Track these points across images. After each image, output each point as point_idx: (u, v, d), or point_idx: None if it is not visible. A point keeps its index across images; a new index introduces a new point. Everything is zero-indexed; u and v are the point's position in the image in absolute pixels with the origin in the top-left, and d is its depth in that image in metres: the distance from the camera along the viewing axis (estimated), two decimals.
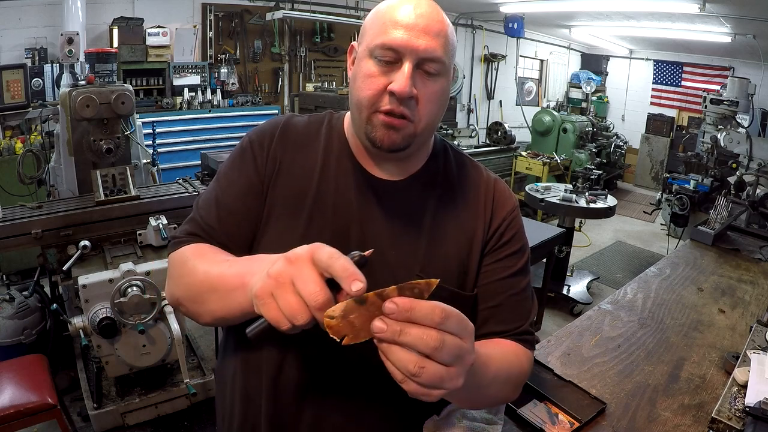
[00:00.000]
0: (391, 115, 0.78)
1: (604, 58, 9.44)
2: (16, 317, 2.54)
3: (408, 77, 0.76)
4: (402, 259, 0.84)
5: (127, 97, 2.38)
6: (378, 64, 0.78)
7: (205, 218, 0.87)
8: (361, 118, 0.81)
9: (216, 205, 0.88)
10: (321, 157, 0.89)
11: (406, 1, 0.79)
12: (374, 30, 0.79)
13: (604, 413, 1.03)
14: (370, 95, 0.78)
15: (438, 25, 0.79)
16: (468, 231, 0.89)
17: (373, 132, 0.80)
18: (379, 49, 0.77)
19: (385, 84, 0.77)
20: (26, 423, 1.83)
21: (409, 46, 0.76)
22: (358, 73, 0.81)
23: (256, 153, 0.89)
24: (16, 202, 2.49)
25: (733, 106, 4.89)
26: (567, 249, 3.98)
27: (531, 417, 0.99)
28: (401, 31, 0.76)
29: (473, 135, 7.18)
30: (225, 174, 0.91)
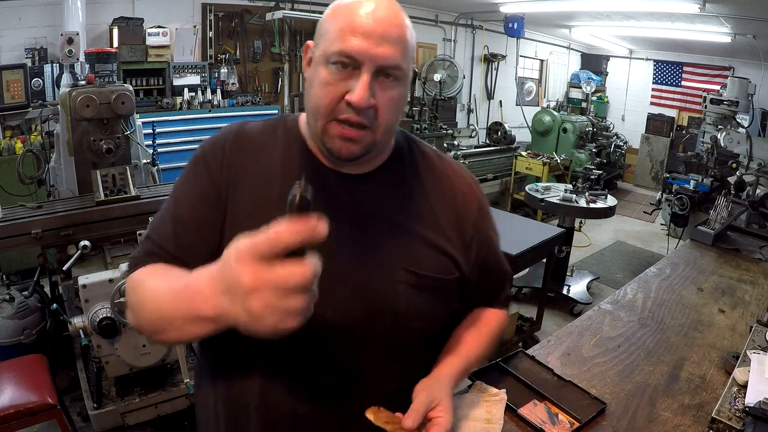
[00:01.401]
0: (349, 124, 0.76)
1: (604, 58, 9.44)
2: (16, 317, 2.54)
3: (366, 87, 0.74)
4: (383, 253, 0.83)
5: (127, 97, 2.38)
6: (335, 70, 0.75)
7: (161, 236, 0.83)
8: (317, 126, 0.79)
9: (171, 220, 0.84)
10: (280, 161, 0.86)
11: (365, 4, 0.75)
12: (331, 34, 0.76)
13: (604, 413, 1.03)
14: (326, 103, 0.76)
15: (397, 30, 0.76)
16: (442, 219, 0.89)
17: (330, 143, 0.79)
18: (336, 55, 0.74)
19: (343, 92, 0.75)
20: (26, 423, 1.83)
21: (367, 54, 0.73)
22: (315, 79, 0.78)
23: (210, 163, 0.85)
24: (16, 202, 2.49)
25: (733, 106, 4.90)
26: (567, 249, 3.98)
27: (531, 417, 0.99)
28: (359, 38, 0.73)
29: (473, 135, 7.19)
30: (179, 188, 0.87)
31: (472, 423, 0.95)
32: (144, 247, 0.85)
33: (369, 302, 0.81)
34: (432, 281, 0.85)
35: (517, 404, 1.02)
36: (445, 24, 7.32)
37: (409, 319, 0.84)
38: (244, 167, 0.85)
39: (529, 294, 4.09)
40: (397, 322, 0.83)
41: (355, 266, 0.81)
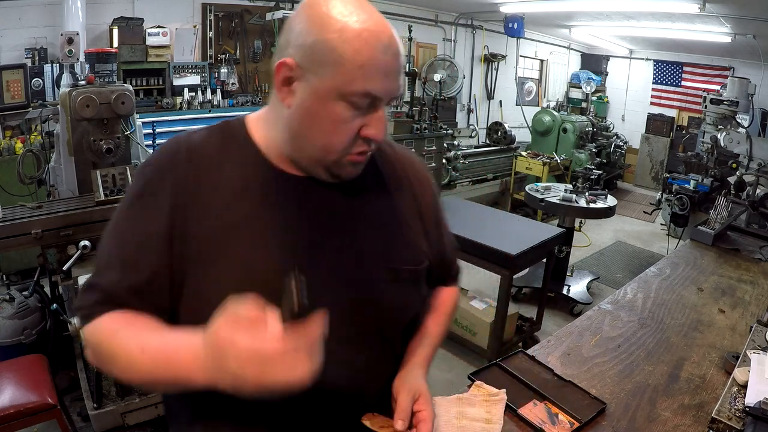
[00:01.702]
0: (363, 154, 0.77)
1: (604, 58, 9.44)
2: (16, 317, 2.54)
3: (385, 122, 0.75)
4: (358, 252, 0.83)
5: (127, 97, 2.38)
6: (351, 108, 0.72)
7: (111, 282, 0.75)
8: (326, 160, 0.77)
9: (120, 264, 0.76)
10: (238, 176, 0.79)
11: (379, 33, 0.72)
12: (350, 69, 0.70)
13: (604, 413, 1.03)
14: (344, 140, 0.74)
15: (402, 57, 0.76)
16: (406, 210, 0.92)
17: (339, 170, 0.78)
18: (359, 95, 0.71)
19: (358, 127, 0.74)
20: (26, 423, 1.83)
21: (389, 92, 0.73)
22: (324, 115, 0.72)
23: (157, 191, 0.77)
24: (16, 202, 2.49)
25: (733, 106, 4.90)
26: (567, 249, 3.98)
27: (531, 417, 0.99)
28: (384, 78, 0.72)
29: (473, 135, 7.19)
30: (122, 224, 0.78)
31: (472, 423, 0.95)
32: (93, 296, 0.76)
33: (356, 303, 0.82)
34: (409, 274, 0.88)
35: (517, 404, 1.02)
36: (445, 24, 7.32)
37: (394, 313, 0.87)
38: (197, 189, 0.77)
39: (529, 294, 4.09)
40: (383, 317, 0.86)
41: (337, 269, 0.81)
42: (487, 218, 3.49)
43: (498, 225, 3.32)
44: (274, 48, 5.58)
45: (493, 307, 3.06)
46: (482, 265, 2.99)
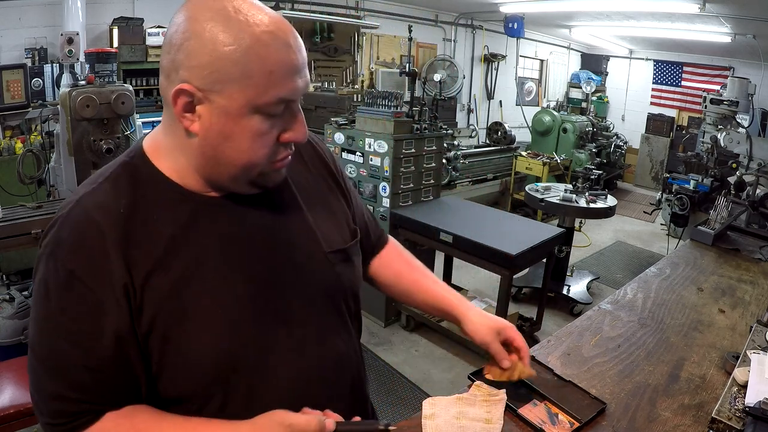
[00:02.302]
0: (285, 159, 0.75)
1: (604, 58, 9.45)
2: (16, 317, 2.54)
3: (304, 121, 0.72)
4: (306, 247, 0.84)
5: (127, 97, 2.39)
6: (267, 118, 0.68)
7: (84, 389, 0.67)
8: (249, 176, 0.72)
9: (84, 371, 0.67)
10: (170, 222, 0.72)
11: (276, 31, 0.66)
12: (257, 79, 0.64)
13: (605, 413, 1.03)
14: (265, 153, 0.70)
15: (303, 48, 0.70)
16: (326, 186, 0.94)
17: (265, 181, 0.75)
18: (274, 105, 0.67)
19: (277, 134, 0.70)
20: (26, 423, 1.83)
21: (301, 90, 0.69)
22: (239, 133, 0.67)
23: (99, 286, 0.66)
24: (16, 202, 2.49)
25: (733, 106, 4.90)
26: (567, 249, 3.98)
27: (531, 417, 0.99)
28: (297, 78, 0.68)
29: (473, 135, 7.18)
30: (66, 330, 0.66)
31: (472, 423, 0.95)
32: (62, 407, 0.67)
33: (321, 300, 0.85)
34: (353, 248, 0.93)
35: (517, 404, 1.02)
36: (445, 24, 7.32)
37: (354, 288, 0.93)
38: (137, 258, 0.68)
39: (529, 294, 4.10)
40: (345, 296, 0.90)
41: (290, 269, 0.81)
42: (487, 218, 3.49)
43: (498, 225, 3.32)
44: None
45: (493, 307, 3.06)
46: (482, 265, 2.99)
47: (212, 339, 0.72)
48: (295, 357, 0.80)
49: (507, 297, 2.94)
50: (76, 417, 0.68)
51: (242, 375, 0.75)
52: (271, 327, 0.78)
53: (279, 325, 0.79)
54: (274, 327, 0.78)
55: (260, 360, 0.77)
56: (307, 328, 0.82)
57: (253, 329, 0.76)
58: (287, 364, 0.79)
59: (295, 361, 0.80)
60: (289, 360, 0.80)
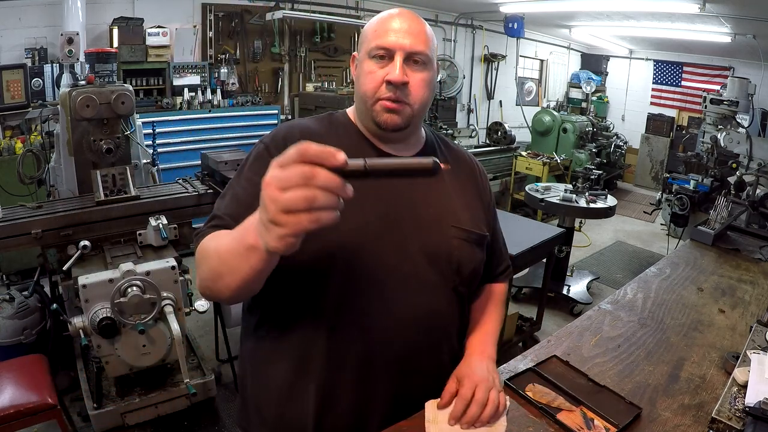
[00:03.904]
0: (390, 101, 0.95)
1: (604, 58, 9.44)
2: (16, 317, 2.54)
3: (400, 67, 0.94)
4: (436, 213, 1.02)
5: (127, 97, 2.39)
6: (376, 62, 0.95)
7: (224, 213, 0.94)
8: (367, 107, 0.98)
9: (236, 201, 0.95)
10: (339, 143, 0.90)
11: (395, 14, 0.98)
12: (369, 37, 0.97)
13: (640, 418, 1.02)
14: (372, 87, 0.96)
15: (419, 26, 0.98)
16: (472, 188, 1.13)
17: (378, 117, 0.97)
18: (375, 50, 0.95)
19: (383, 77, 0.95)
20: (26, 423, 1.83)
21: (398, 44, 0.94)
22: (362, 73, 0.98)
23: (273, 153, 0.86)
24: (16, 202, 2.49)
25: (733, 106, 4.89)
26: (567, 249, 3.98)
27: (568, 422, 0.98)
28: (391, 34, 0.95)
29: (473, 135, 7.18)
30: (244, 175, 0.98)
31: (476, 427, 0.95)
32: (208, 222, 0.96)
33: (429, 253, 0.99)
34: (476, 236, 1.06)
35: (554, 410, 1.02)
36: (445, 24, 7.32)
37: (461, 266, 1.03)
38: None
39: (529, 294, 4.10)
40: (451, 268, 1.02)
41: (414, 222, 0.99)
42: None
43: None
44: (274, 48, 5.58)
45: None
46: None
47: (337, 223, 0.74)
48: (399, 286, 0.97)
49: (507, 297, 2.94)
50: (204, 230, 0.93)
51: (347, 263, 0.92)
52: (383, 250, 0.96)
53: (390, 253, 0.96)
54: (385, 251, 0.96)
55: (367, 257, 0.94)
56: (417, 269, 0.98)
57: (371, 230, 0.95)
58: (390, 287, 0.96)
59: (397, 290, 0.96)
60: (393, 285, 0.96)
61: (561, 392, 1.07)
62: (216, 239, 0.86)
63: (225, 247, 0.79)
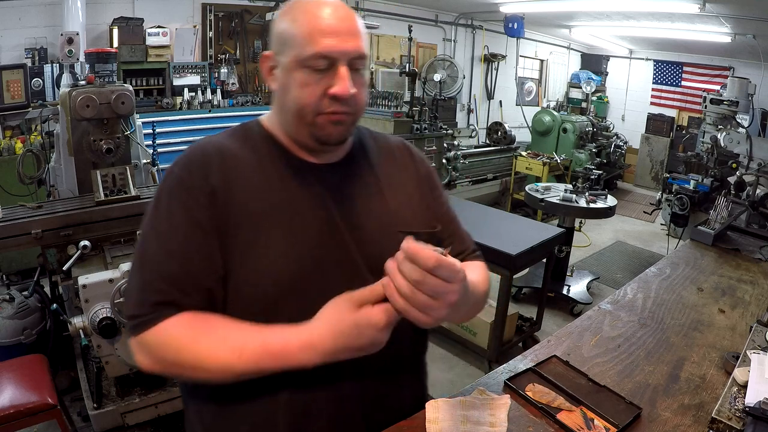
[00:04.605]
0: (336, 114, 0.84)
1: (604, 58, 9.44)
2: (16, 317, 2.54)
3: (347, 79, 0.82)
4: (380, 223, 0.93)
5: (127, 97, 2.38)
6: (312, 72, 0.82)
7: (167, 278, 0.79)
8: (305, 122, 0.85)
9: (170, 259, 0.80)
10: (264, 165, 0.88)
11: (323, 7, 0.83)
12: (300, 39, 0.81)
13: (641, 418, 1.02)
14: (312, 102, 0.83)
15: (356, 23, 0.85)
16: (410, 183, 1.02)
17: (320, 131, 0.86)
18: (311, 59, 0.81)
19: (324, 89, 0.82)
20: (26, 423, 1.83)
21: (341, 50, 0.82)
22: (292, 83, 0.83)
23: (193, 187, 0.83)
24: (16, 202, 2.49)
25: (733, 106, 4.90)
26: (567, 249, 3.98)
27: (568, 422, 0.98)
28: (330, 38, 0.81)
29: (473, 135, 7.18)
30: (162, 221, 0.83)
31: (476, 427, 0.95)
32: (146, 299, 0.79)
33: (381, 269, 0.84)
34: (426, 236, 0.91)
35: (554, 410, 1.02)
36: (445, 24, 7.32)
37: None
38: (231, 181, 0.84)
39: (529, 294, 4.10)
40: None
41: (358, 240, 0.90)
42: (487, 218, 3.49)
43: (498, 225, 3.32)
44: None
45: (493, 307, 3.06)
46: None
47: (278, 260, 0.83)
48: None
49: (507, 297, 2.94)
50: (158, 308, 0.78)
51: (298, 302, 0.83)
52: (334, 270, 0.87)
53: (341, 272, 0.87)
54: (336, 271, 0.87)
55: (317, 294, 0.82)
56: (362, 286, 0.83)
57: (317, 265, 0.86)
58: None
59: None
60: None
61: (561, 392, 1.07)
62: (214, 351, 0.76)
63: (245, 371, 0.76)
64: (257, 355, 0.76)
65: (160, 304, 0.78)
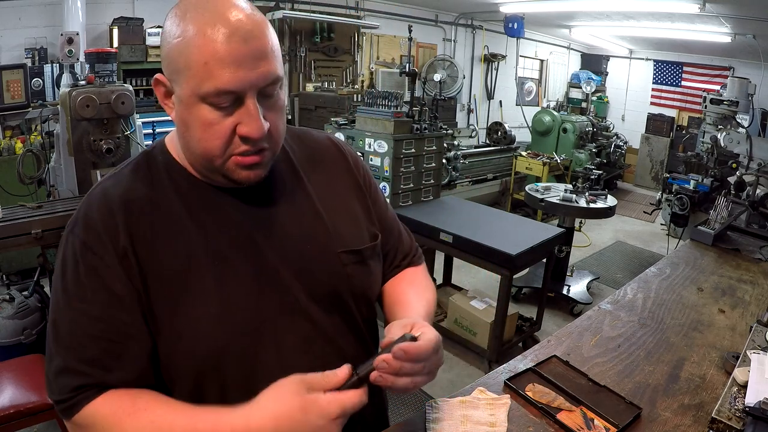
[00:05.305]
0: (248, 154, 0.72)
1: (604, 58, 9.45)
2: (16, 317, 2.54)
3: (258, 116, 0.68)
4: (317, 245, 0.83)
5: (127, 97, 2.39)
6: (215, 108, 0.68)
7: (82, 360, 0.69)
8: (213, 167, 0.73)
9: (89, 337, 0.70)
10: (173, 210, 0.76)
11: (220, 21, 0.65)
12: (195, 70, 0.66)
13: (641, 418, 1.02)
14: (219, 144, 0.70)
15: (266, 40, 0.68)
16: (346, 187, 0.92)
17: (233, 174, 0.73)
18: (212, 96, 0.66)
19: (231, 126, 0.69)
20: (26, 423, 1.82)
21: (247, 82, 0.66)
22: (193, 121, 0.69)
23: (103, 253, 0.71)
24: (16, 202, 2.49)
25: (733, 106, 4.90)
26: (567, 249, 3.98)
27: (568, 422, 0.98)
28: (231, 69, 0.65)
29: (473, 135, 7.18)
30: (75, 297, 0.71)
31: (477, 427, 0.94)
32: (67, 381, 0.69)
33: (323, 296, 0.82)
34: (369, 251, 0.89)
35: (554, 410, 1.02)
36: (445, 24, 7.32)
37: (364, 292, 0.89)
38: (141, 236, 0.73)
39: (529, 294, 4.10)
40: (355, 299, 0.87)
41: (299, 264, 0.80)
42: (487, 218, 3.49)
43: (498, 225, 3.32)
44: None
45: (493, 307, 3.06)
46: (482, 265, 2.99)
47: (211, 319, 0.73)
48: (299, 353, 0.79)
49: (507, 297, 2.94)
50: (80, 391, 0.69)
51: (239, 363, 0.75)
52: (274, 318, 0.77)
53: (283, 317, 0.78)
54: (277, 318, 0.77)
55: (260, 350, 0.76)
56: (314, 325, 0.80)
57: (255, 316, 0.76)
58: (291, 359, 0.77)
59: (300, 357, 0.78)
60: (293, 355, 0.78)
61: (561, 392, 1.07)
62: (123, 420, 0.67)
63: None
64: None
65: (83, 387, 0.69)
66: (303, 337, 0.80)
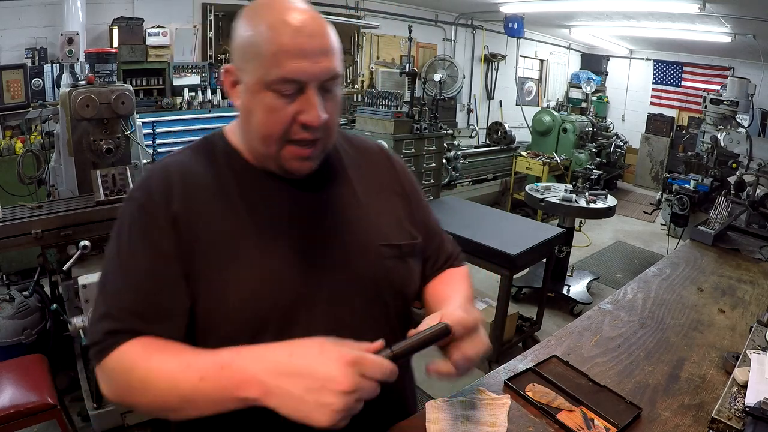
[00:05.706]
0: (304, 143, 0.77)
1: (604, 58, 9.45)
2: (16, 317, 2.54)
3: (317, 106, 0.74)
4: (359, 234, 0.87)
5: (127, 97, 2.39)
6: (279, 96, 0.74)
7: (122, 310, 0.74)
8: (270, 152, 0.79)
9: (132, 291, 0.75)
10: (228, 189, 0.82)
11: (290, 19, 0.73)
12: (264, 59, 0.73)
13: (641, 418, 1.02)
14: (279, 129, 0.76)
15: (329, 39, 0.76)
16: (389, 190, 0.96)
17: (287, 165, 0.80)
18: (277, 83, 0.73)
19: (292, 114, 0.75)
20: (26, 423, 1.83)
21: (311, 74, 0.73)
22: (257, 107, 0.76)
23: (156, 213, 0.77)
24: (16, 202, 2.49)
25: (733, 106, 4.90)
26: (567, 249, 3.98)
27: (568, 422, 0.98)
28: (298, 60, 0.72)
29: (473, 135, 7.19)
30: (125, 248, 0.78)
31: (477, 427, 0.95)
32: (105, 326, 0.74)
33: (365, 286, 0.85)
34: (408, 248, 0.92)
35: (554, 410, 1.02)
36: (445, 24, 7.32)
37: (402, 287, 0.91)
38: (193, 206, 0.79)
39: (529, 294, 4.10)
40: (393, 292, 0.89)
41: (341, 253, 0.84)
42: (487, 218, 3.49)
43: (498, 225, 3.32)
44: None
45: (493, 307, 3.06)
46: (482, 265, 2.99)
47: (256, 284, 0.77)
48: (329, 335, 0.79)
49: (507, 297, 2.94)
50: (117, 335, 0.73)
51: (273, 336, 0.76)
52: (312, 298, 0.81)
53: (321, 301, 0.81)
54: (315, 300, 0.81)
55: (294, 327, 0.78)
56: (348, 309, 0.83)
57: (295, 292, 0.79)
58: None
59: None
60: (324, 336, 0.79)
61: (561, 392, 1.07)
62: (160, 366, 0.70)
63: (192, 388, 0.68)
64: (205, 365, 0.68)
65: (119, 331, 0.73)
66: (336, 322, 0.81)
